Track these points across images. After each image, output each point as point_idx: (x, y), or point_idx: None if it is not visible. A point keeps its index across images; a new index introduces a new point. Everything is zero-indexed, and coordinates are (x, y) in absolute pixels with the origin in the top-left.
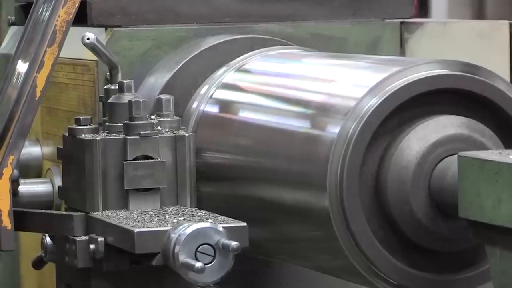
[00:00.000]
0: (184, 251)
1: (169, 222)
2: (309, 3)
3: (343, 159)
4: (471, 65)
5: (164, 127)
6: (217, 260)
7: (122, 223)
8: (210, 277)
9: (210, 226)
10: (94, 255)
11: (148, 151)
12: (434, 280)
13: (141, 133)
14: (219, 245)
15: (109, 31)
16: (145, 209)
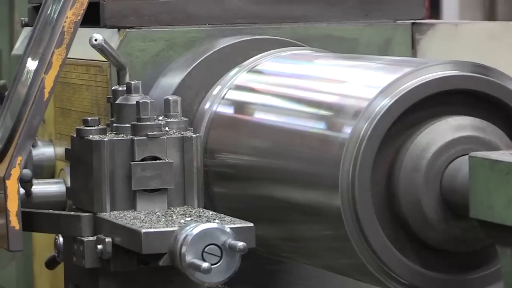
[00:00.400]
0: (191, 251)
1: (176, 222)
2: (321, 5)
3: (355, 160)
4: (482, 66)
5: (171, 128)
6: (224, 260)
7: (129, 224)
8: (217, 277)
9: (217, 226)
10: (102, 256)
11: (155, 152)
12: (445, 280)
13: (149, 134)
14: (226, 245)
15: (122, 32)
16: (153, 210)
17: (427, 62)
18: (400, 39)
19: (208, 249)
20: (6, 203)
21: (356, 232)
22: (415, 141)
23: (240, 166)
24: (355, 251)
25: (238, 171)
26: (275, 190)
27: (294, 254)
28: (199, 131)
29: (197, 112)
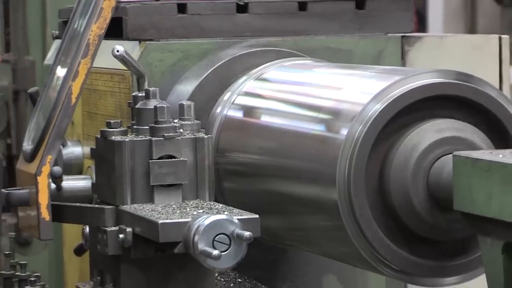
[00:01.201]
0: (202, 240)
1: (189, 214)
2: (320, 19)
3: (350, 158)
4: (465, 74)
5: (185, 130)
6: (232, 248)
7: (148, 215)
8: (226, 263)
9: (226, 218)
10: (123, 244)
11: (171, 151)
12: (431, 266)
13: (165, 135)
14: (234, 235)
15: (142, 44)
16: (169, 203)
17: (415, 71)
18: (391, 50)
19: (218, 238)
20: (38, 196)
21: (351, 223)
22: (404, 141)
23: (248, 164)
24: (351, 240)
25: (246, 168)
26: (280, 185)
27: (296, 243)
28: (211, 132)
29: (209, 115)
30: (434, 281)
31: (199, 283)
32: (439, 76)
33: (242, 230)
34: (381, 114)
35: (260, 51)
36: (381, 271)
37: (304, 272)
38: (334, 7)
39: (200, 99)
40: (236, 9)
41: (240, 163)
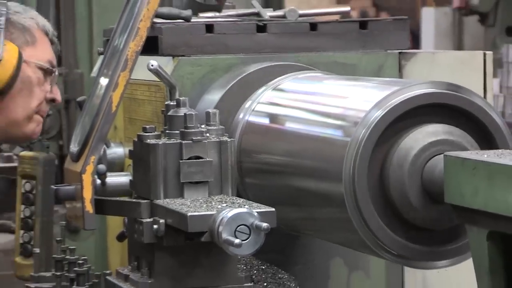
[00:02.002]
0: (226, 230)
1: (214, 207)
2: (328, 38)
3: (354, 158)
4: (454, 84)
5: (211, 134)
6: (251, 237)
7: (178, 208)
8: (246, 250)
9: (246, 211)
10: (157, 233)
11: (199, 152)
12: (425, 251)
13: (193, 139)
14: (253, 226)
15: (175, 59)
16: (196, 198)
17: (411, 82)
18: (390, 64)
19: (239, 229)
20: (82, 192)
21: (356, 214)
22: (402, 143)
23: (266, 163)
24: (355, 229)
25: (265, 166)
26: (293, 181)
27: (307, 231)
28: (235, 136)
29: (233, 121)
30: (427, 264)
31: (222, 268)
32: (431, 86)
33: (261, 222)
34: (381, 119)
35: (277, 65)
36: (381, 256)
37: (314, 256)
38: (340, 27)
39: (225, 107)
40: (256, 29)
41: (260, 162)
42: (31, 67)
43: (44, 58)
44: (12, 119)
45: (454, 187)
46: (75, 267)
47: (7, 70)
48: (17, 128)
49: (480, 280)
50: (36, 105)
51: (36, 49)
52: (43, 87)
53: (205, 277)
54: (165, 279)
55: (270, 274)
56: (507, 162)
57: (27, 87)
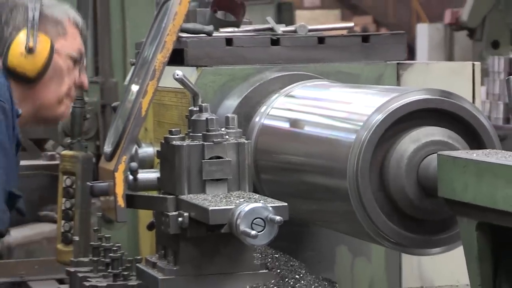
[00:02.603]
0: (243, 223)
1: (233, 202)
2: (334, 50)
3: (358, 157)
4: (446, 91)
5: (230, 136)
6: (266, 229)
7: (201, 203)
8: (261, 241)
9: (261, 205)
10: (181, 225)
11: (219, 153)
12: (420, 239)
13: (214, 141)
14: (268, 219)
15: (199, 69)
16: (217, 193)
17: (408, 89)
18: (389, 74)
19: (255, 221)
20: (115, 188)
21: (359, 207)
22: (400, 144)
23: (279, 161)
24: (359, 220)
25: (278, 164)
26: (304, 177)
27: (316, 222)
28: (252, 137)
29: (250, 123)
30: (422, 251)
31: (240, 256)
32: (426, 93)
33: (274, 215)
34: (381, 122)
35: (288, 74)
36: (382, 243)
37: (322, 244)
38: (345, 41)
39: (243, 111)
40: (270, 42)
41: (274, 160)
42: (62, 56)
43: (73, 48)
44: (44, 102)
45: (447, 183)
46: (110, 253)
47: (40, 60)
48: (49, 111)
49: (470, 265)
50: (65, 90)
51: (67, 40)
52: (72, 74)
53: (224, 264)
54: (188, 267)
55: (283, 261)
56: (493, 160)
57: (58, 74)
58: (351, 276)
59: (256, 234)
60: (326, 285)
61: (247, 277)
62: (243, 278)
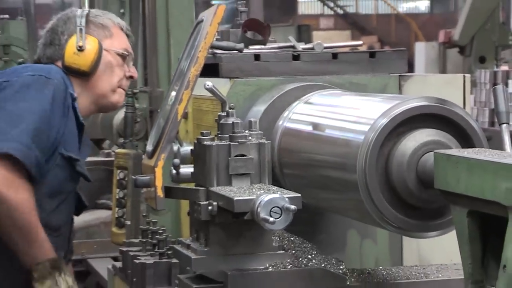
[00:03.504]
0: (263, 211)
1: (255, 193)
2: (346, 64)
3: (366, 154)
4: (441, 99)
5: (253, 137)
6: (282, 216)
7: (227, 194)
8: (278, 226)
9: (278, 196)
10: (211, 213)
11: (243, 151)
12: (419, 224)
13: (239, 141)
14: (284, 207)
15: (231, 80)
16: (241, 186)
17: (408, 97)
18: (392, 84)
19: (273, 210)
20: (155, 181)
21: (367, 197)
22: (402, 143)
23: (299, 158)
24: (366, 208)
25: (298, 161)
26: (320, 172)
27: (330, 209)
28: (276, 137)
29: (274, 126)
30: (421, 235)
31: (260, 239)
32: (424, 100)
33: (289, 204)
34: (386, 125)
35: (307, 85)
36: (386, 228)
37: (334, 228)
38: (355, 56)
39: (269, 116)
40: (292, 58)
41: (295, 157)
42: (111, 54)
43: (120, 47)
44: (100, 92)
45: (442, 176)
46: (156, 235)
47: (90, 56)
48: (105, 99)
49: (462, 247)
50: (117, 81)
51: (113, 41)
52: (122, 68)
53: (247, 246)
54: (217, 248)
55: (297, 243)
56: (482, 157)
57: (109, 68)
58: (360, 256)
59: (274, 220)
60: (334, 263)
61: (267, 257)
62: (263, 257)
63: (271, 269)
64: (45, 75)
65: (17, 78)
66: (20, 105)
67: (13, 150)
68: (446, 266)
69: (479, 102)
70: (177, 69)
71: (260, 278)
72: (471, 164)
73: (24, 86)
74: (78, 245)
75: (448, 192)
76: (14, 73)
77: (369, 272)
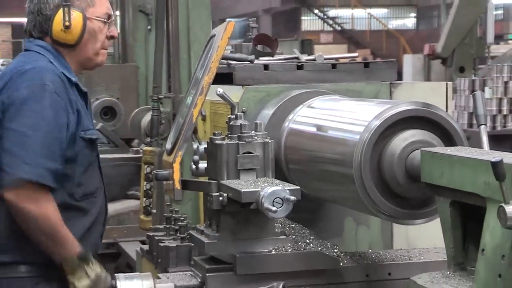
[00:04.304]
0: (266, 201)
1: (259, 186)
2: (344, 74)
3: (361, 152)
4: (427, 103)
5: (258, 137)
6: (283, 206)
7: (236, 186)
8: (280, 215)
9: (280, 188)
10: (222, 203)
11: (249, 149)
12: (407, 213)
13: (246, 140)
14: (285, 198)
15: (244, 87)
16: (248, 179)
17: (398, 102)
18: (384, 91)
19: (276, 200)
20: (173, 175)
21: (362, 188)
22: (392, 142)
23: (303, 155)
24: (361, 198)
25: (302, 157)
26: (321, 166)
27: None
28: (282, 137)
29: (281, 127)
30: (409, 222)
31: (265, 226)
32: (412, 105)
33: (290, 196)
34: (379, 126)
35: (309, 91)
36: (378, 216)
37: (333, 215)
38: (351, 67)
39: (276, 118)
40: (296, 67)
41: (298, 154)
42: (93, 21)
43: (101, 13)
44: (86, 56)
45: (427, 171)
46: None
47: (76, 32)
48: (90, 61)
49: (445, 233)
50: (100, 45)
51: (96, 8)
52: (103, 31)
53: (253, 232)
54: (227, 233)
55: (297, 230)
56: (462, 155)
57: (92, 35)
58: (355, 240)
59: (276, 209)
60: (329, 247)
61: (270, 241)
62: (267, 242)
63: (274, 252)
64: (39, 82)
65: (16, 93)
66: (24, 122)
67: (25, 175)
68: (427, 250)
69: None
70: (193, 77)
71: (264, 260)
72: (453, 161)
73: (23, 102)
74: (110, 230)
75: (433, 184)
76: (11, 82)
77: (360, 255)
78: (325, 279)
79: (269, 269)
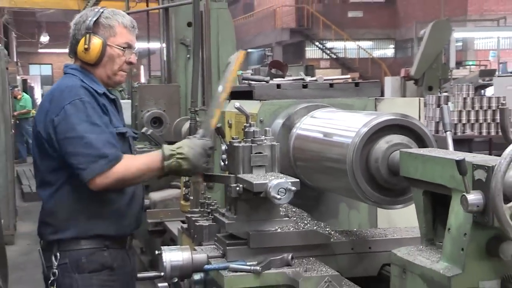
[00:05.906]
0: (273, 191)
1: (267, 179)
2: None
3: (352, 153)
4: (404, 114)
5: (267, 141)
6: (286, 195)
7: (249, 179)
8: (283, 202)
9: (284, 181)
10: (238, 192)
11: (260, 150)
12: (389, 200)
13: (258, 143)
14: (287, 188)
15: (261, 102)
16: (259, 174)
17: (382, 113)
18: (370, 104)
19: (280, 190)
20: None
21: (353, 181)
22: (377, 144)
23: (307, 154)
24: (353, 188)
25: (306, 156)
26: (321, 163)
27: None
28: (291, 141)
29: (290, 133)
30: (391, 207)
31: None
32: (393, 115)
33: (291, 186)
34: (366, 132)
35: (312, 105)
36: (366, 202)
37: (329, 202)
38: (345, 86)
39: (286, 126)
40: (302, 86)
41: (304, 154)
42: (113, 48)
43: (121, 42)
44: (105, 74)
45: (405, 167)
46: (210, 206)
47: (94, 53)
48: (110, 80)
49: (419, 216)
50: (118, 68)
51: (116, 38)
52: (122, 57)
53: (263, 214)
54: (242, 215)
55: (297, 213)
56: (433, 154)
57: (111, 59)
58: (348, 221)
59: (280, 197)
60: (323, 226)
61: (276, 222)
62: (274, 222)
63: (279, 230)
64: (77, 98)
65: (63, 111)
66: (78, 130)
67: (98, 170)
68: (400, 229)
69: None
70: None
71: (271, 236)
72: (425, 159)
73: (70, 116)
74: (157, 212)
75: (409, 178)
76: (55, 102)
77: (347, 233)
78: (319, 251)
79: (275, 243)
